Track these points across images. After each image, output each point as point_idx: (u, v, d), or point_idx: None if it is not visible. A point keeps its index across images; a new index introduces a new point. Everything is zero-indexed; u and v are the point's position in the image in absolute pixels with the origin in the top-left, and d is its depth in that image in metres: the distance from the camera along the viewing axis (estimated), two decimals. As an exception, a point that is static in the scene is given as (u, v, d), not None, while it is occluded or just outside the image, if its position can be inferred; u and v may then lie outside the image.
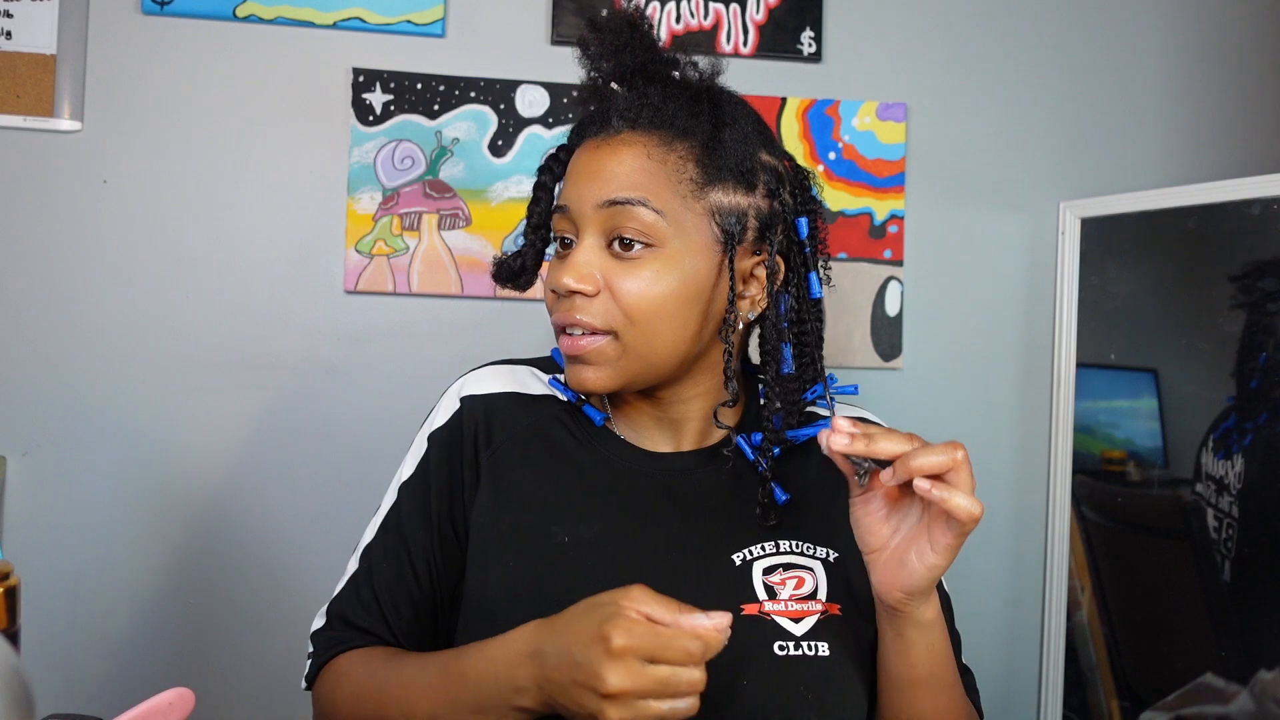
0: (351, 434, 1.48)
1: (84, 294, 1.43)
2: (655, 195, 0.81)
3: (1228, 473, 1.34)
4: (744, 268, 0.85)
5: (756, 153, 0.84)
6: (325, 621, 0.90)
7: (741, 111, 0.86)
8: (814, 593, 0.82)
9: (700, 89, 0.86)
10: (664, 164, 0.81)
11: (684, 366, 0.85)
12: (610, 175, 0.82)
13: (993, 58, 1.65)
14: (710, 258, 0.82)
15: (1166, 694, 1.41)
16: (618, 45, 0.87)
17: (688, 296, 0.81)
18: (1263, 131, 1.69)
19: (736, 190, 0.83)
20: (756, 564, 0.83)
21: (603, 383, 0.82)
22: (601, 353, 0.81)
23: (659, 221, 0.80)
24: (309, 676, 0.89)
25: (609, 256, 0.82)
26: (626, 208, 0.80)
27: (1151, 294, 1.50)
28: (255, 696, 1.46)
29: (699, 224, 0.82)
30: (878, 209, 1.60)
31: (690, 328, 0.82)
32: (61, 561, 1.42)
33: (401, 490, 0.90)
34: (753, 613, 0.80)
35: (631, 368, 0.82)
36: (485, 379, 0.92)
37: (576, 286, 0.81)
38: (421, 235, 1.50)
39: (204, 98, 1.47)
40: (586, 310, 0.81)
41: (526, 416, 0.90)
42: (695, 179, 0.82)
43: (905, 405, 1.61)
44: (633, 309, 0.80)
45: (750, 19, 1.58)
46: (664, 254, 0.81)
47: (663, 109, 0.83)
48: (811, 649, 0.79)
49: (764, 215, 0.85)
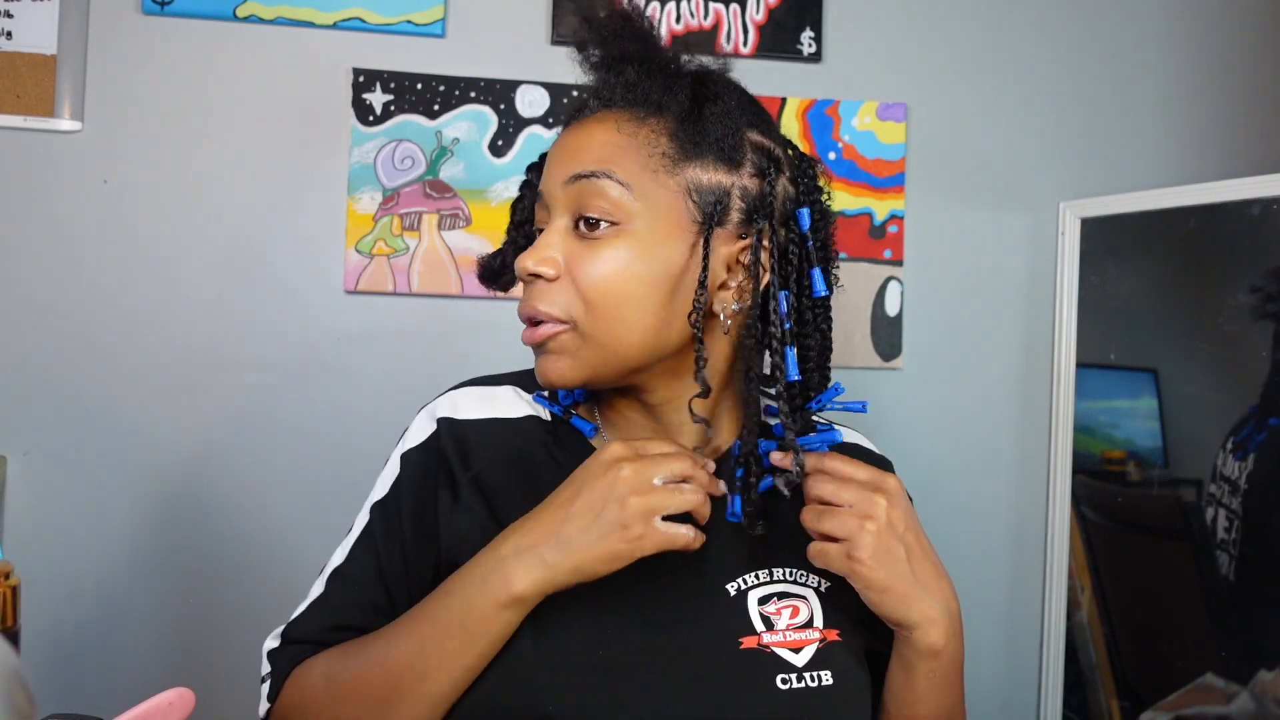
0: (351, 434, 1.48)
1: (84, 294, 1.43)
2: (621, 169, 0.75)
3: (1240, 474, 1.34)
4: (729, 254, 0.79)
5: (742, 130, 0.79)
6: (281, 643, 0.84)
7: (730, 90, 0.80)
8: (810, 620, 0.79)
9: (684, 70, 0.81)
10: (634, 137, 0.77)
11: (655, 356, 0.78)
12: (577, 151, 0.78)
13: (993, 58, 1.65)
14: (684, 239, 0.76)
15: (1166, 694, 1.41)
16: (609, 35, 0.82)
17: (655, 280, 0.76)
18: (1263, 131, 1.69)
19: (717, 168, 0.77)
20: (751, 593, 0.80)
21: (564, 375, 0.78)
22: (560, 343, 0.77)
23: (624, 195, 0.75)
24: (270, 695, 0.82)
25: (574, 239, 0.77)
26: (591, 181, 0.76)
27: (1151, 294, 1.50)
28: (255, 696, 1.45)
29: (672, 201, 0.76)
30: (878, 209, 1.60)
31: (658, 314, 0.76)
32: (61, 561, 1.42)
33: (374, 510, 0.85)
34: (752, 645, 0.77)
35: (594, 358, 0.77)
36: (461, 403, 0.86)
37: (536, 269, 0.77)
38: (422, 235, 1.50)
39: (204, 98, 1.47)
40: (544, 298, 0.77)
41: (507, 442, 0.84)
42: (669, 153, 0.76)
43: (905, 405, 1.61)
44: (591, 294, 0.75)
45: (750, 19, 1.58)
46: (630, 232, 0.75)
47: (637, 85, 0.78)
48: (815, 679, 0.77)
49: (751, 196, 0.78)
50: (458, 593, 0.74)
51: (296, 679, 0.81)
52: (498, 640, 0.73)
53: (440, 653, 0.73)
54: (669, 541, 0.72)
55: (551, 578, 0.71)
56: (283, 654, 0.83)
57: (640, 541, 0.71)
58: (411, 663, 0.74)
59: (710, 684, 0.75)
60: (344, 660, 0.78)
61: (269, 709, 0.83)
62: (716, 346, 0.81)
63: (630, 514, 0.71)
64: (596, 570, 0.71)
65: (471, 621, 0.72)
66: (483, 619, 0.72)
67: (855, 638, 0.81)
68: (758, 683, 0.76)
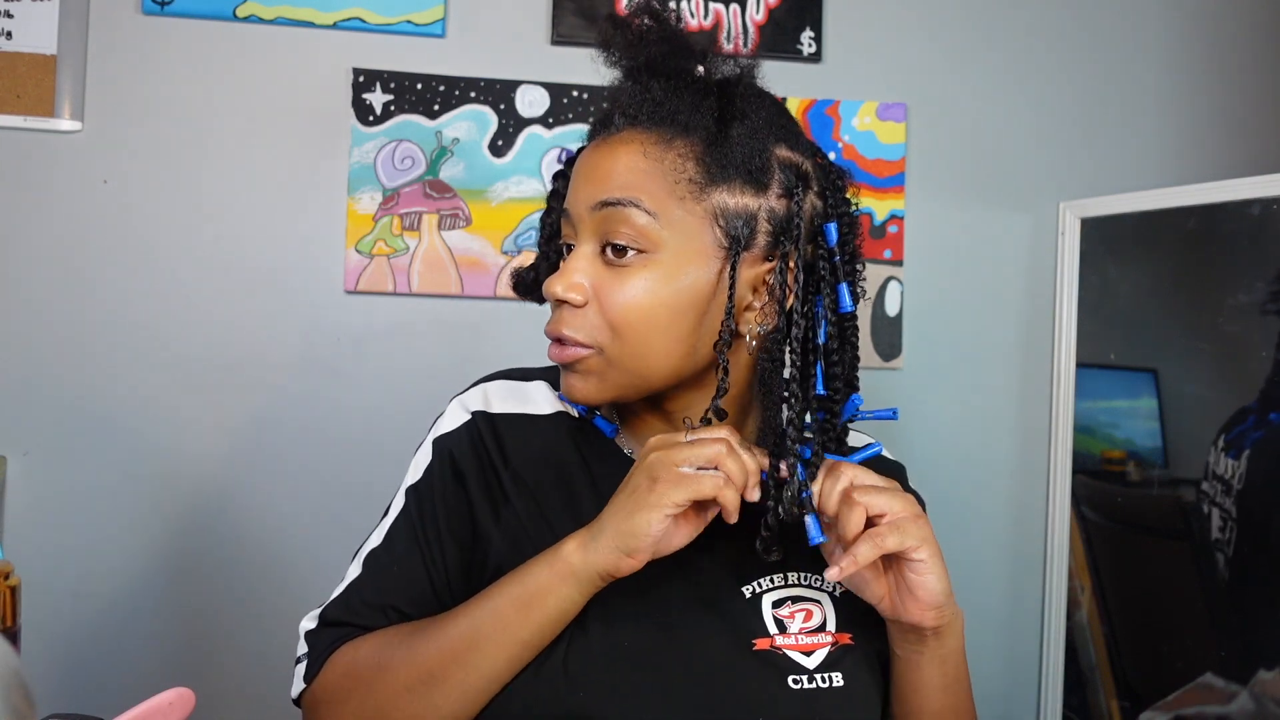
0: (351, 434, 1.48)
1: (84, 294, 1.43)
2: (649, 196, 0.75)
3: (1234, 473, 1.34)
4: (754, 276, 0.79)
5: (770, 149, 0.78)
6: (319, 624, 0.85)
7: (757, 105, 0.79)
8: (823, 624, 0.81)
9: (711, 84, 0.79)
10: (661, 163, 0.76)
11: (680, 379, 0.80)
12: (605, 176, 0.77)
13: (993, 58, 1.65)
14: (711, 265, 0.77)
15: (1166, 694, 1.41)
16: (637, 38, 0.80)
17: (682, 307, 0.76)
18: (1263, 131, 1.69)
19: (745, 191, 0.77)
20: (765, 597, 0.81)
21: (590, 394, 0.79)
22: (586, 365, 0.78)
23: (651, 225, 0.75)
24: (308, 676, 0.82)
25: (601, 264, 0.77)
26: (618, 209, 0.76)
27: (1151, 294, 1.50)
28: (255, 696, 1.46)
29: (699, 228, 0.76)
30: (878, 209, 1.60)
31: (685, 341, 0.77)
32: (61, 561, 1.42)
33: (409, 494, 0.86)
34: (765, 647, 0.79)
35: (620, 381, 0.78)
36: (494, 397, 0.87)
37: (564, 296, 0.77)
38: (421, 235, 1.50)
39: (204, 98, 1.47)
40: (571, 323, 0.77)
41: (539, 439, 0.85)
42: (696, 179, 0.76)
43: (905, 405, 1.61)
44: (618, 322, 0.76)
45: (750, 19, 1.58)
46: (657, 261, 0.76)
47: (664, 104, 0.77)
48: (825, 680, 0.78)
49: (778, 218, 0.78)
50: (518, 573, 0.76)
51: (338, 660, 0.81)
52: (555, 615, 0.74)
53: (496, 622, 0.75)
54: (695, 489, 0.71)
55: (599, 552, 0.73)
56: (321, 635, 0.83)
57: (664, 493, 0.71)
58: (467, 635, 0.75)
59: (723, 683, 0.77)
60: (396, 640, 0.79)
61: (304, 689, 0.83)
62: (739, 365, 0.81)
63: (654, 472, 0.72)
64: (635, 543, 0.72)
65: (529, 592, 0.74)
66: (540, 589, 0.74)
67: (868, 642, 0.82)
68: (770, 683, 0.77)
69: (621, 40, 0.81)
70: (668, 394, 0.82)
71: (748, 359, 0.81)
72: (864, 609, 0.80)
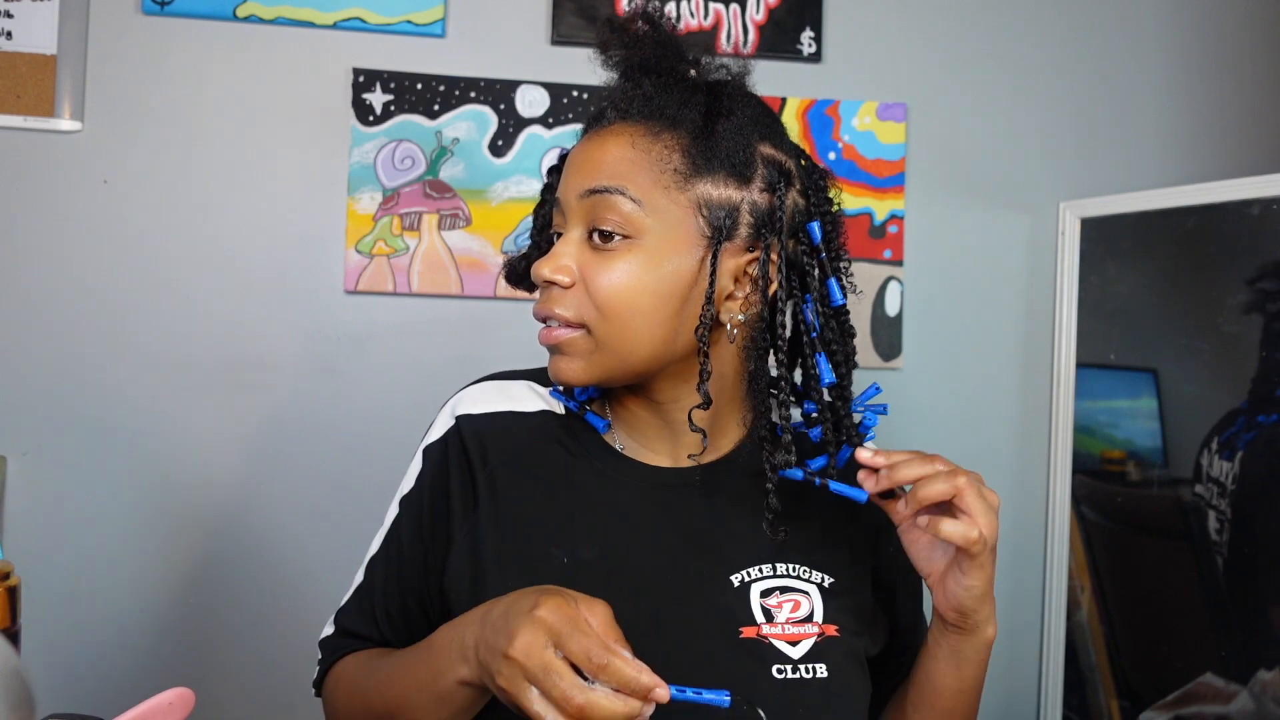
0: (351, 434, 1.48)
1: (84, 294, 1.43)
2: (635, 184, 0.78)
3: (1227, 475, 1.34)
4: (736, 266, 0.81)
5: (755, 144, 0.81)
6: (332, 630, 0.92)
7: (744, 103, 0.83)
8: (810, 615, 0.82)
9: (701, 83, 0.83)
10: (648, 153, 0.79)
11: (663, 363, 0.82)
12: (594, 165, 0.80)
13: (993, 58, 1.65)
14: (694, 253, 0.79)
15: (1166, 694, 1.41)
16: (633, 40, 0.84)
17: (664, 293, 0.79)
18: (1263, 131, 1.69)
19: (728, 183, 0.80)
20: (754, 586, 0.82)
21: (577, 374, 0.81)
22: (574, 344, 0.80)
23: (636, 211, 0.78)
24: (316, 682, 0.91)
25: (588, 249, 0.80)
26: (605, 196, 0.78)
27: (1151, 294, 1.50)
28: (255, 696, 1.46)
29: (683, 217, 0.79)
30: (878, 209, 1.60)
31: (667, 325, 0.79)
32: (61, 561, 1.42)
33: (402, 503, 0.90)
34: (751, 635, 0.80)
35: (606, 362, 0.80)
36: (479, 397, 0.90)
37: (551, 277, 0.80)
38: (421, 235, 1.50)
39: (204, 98, 1.47)
40: (560, 302, 0.80)
41: (523, 435, 0.88)
42: (681, 169, 0.79)
43: (905, 405, 1.61)
44: (604, 303, 0.78)
45: (750, 19, 1.58)
46: (641, 246, 0.78)
47: (654, 99, 0.80)
48: (809, 671, 0.80)
49: (760, 211, 0.81)
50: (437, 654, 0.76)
51: (334, 676, 0.89)
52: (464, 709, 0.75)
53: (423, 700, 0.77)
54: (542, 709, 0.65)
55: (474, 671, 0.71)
56: (328, 645, 0.91)
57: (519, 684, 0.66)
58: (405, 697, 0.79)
59: (708, 670, 0.78)
60: (369, 668, 0.85)
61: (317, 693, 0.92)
62: (722, 355, 0.84)
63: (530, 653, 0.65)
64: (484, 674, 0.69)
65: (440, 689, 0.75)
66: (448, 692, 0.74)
67: (856, 636, 0.84)
68: (754, 671, 0.79)
69: (618, 43, 0.84)
70: (654, 382, 0.84)
71: (733, 350, 0.84)
72: (853, 603, 0.83)
